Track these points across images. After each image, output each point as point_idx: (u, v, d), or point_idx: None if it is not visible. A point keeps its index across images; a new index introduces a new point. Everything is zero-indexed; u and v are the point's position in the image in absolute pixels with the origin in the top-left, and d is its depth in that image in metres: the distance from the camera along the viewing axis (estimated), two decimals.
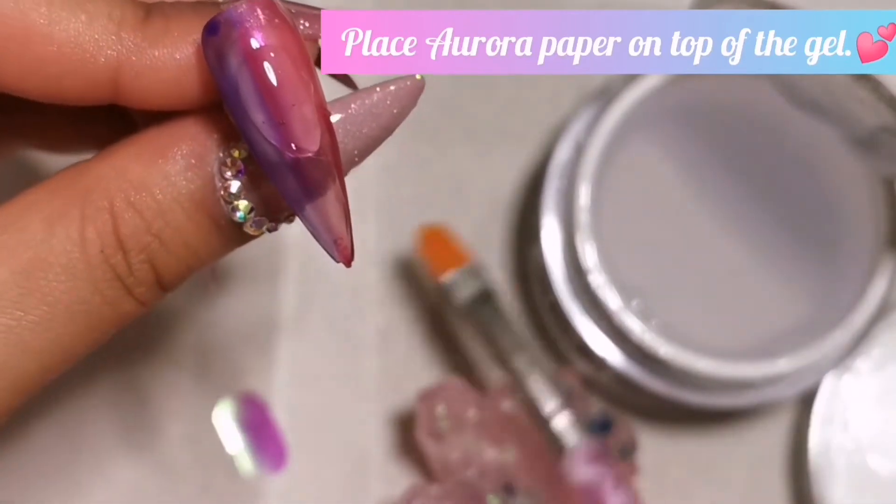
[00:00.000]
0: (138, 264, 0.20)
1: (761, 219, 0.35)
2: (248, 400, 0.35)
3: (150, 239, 0.20)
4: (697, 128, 0.36)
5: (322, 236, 0.20)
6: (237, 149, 0.19)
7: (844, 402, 0.35)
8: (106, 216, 0.19)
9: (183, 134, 0.20)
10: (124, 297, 0.20)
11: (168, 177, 0.19)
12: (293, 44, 0.19)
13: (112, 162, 0.20)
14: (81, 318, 0.20)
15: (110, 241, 0.19)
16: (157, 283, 0.20)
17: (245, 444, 0.35)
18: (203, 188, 0.20)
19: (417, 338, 0.37)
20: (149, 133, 0.20)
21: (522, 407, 0.33)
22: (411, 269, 0.37)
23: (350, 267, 0.20)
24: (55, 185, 0.20)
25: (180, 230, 0.20)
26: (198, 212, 0.20)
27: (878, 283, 0.33)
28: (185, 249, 0.20)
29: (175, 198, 0.20)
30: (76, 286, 0.19)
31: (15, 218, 0.20)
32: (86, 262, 0.19)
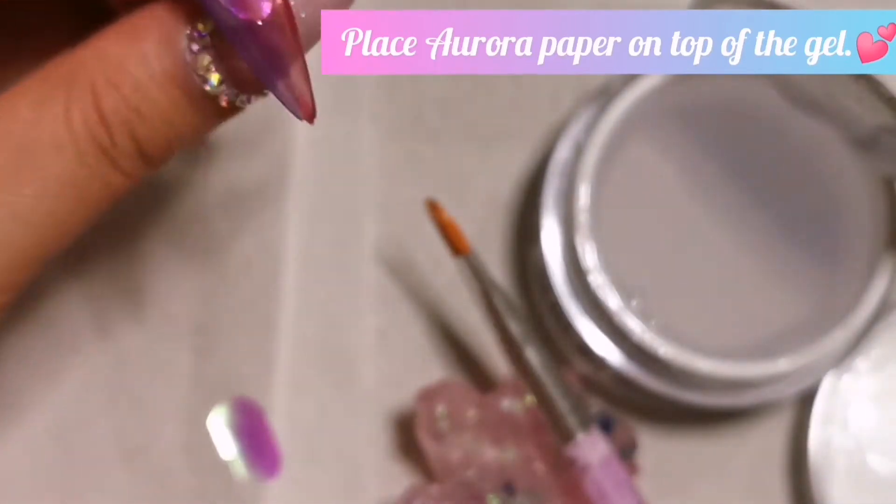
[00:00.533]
0: (120, 137, 0.21)
1: (761, 218, 0.35)
2: (242, 405, 0.35)
3: (130, 113, 0.21)
4: (697, 128, 0.36)
5: (286, 99, 0.21)
6: (202, 22, 0.21)
7: (844, 401, 0.35)
8: (88, 95, 0.21)
9: (154, 15, 0.21)
10: (110, 170, 0.21)
11: (142, 55, 0.21)
12: None
13: (92, 46, 0.21)
14: (72, 190, 0.21)
15: (93, 117, 0.21)
16: (140, 155, 0.22)
17: (239, 451, 0.35)
18: (175, 63, 0.21)
19: (417, 338, 0.37)
20: (125, 18, 0.21)
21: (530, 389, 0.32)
22: (411, 269, 0.37)
23: (313, 123, 0.21)
24: (42, 73, 0.21)
25: (156, 104, 0.21)
26: (171, 85, 0.21)
27: (877, 282, 0.33)
28: (163, 122, 0.21)
29: (150, 74, 0.21)
30: (64, 160, 0.21)
31: (6, 104, 0.21)
32: (72, 138, 0.21)
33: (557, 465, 0.33)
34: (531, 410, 0.33)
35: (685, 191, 0.36)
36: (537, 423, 0.33)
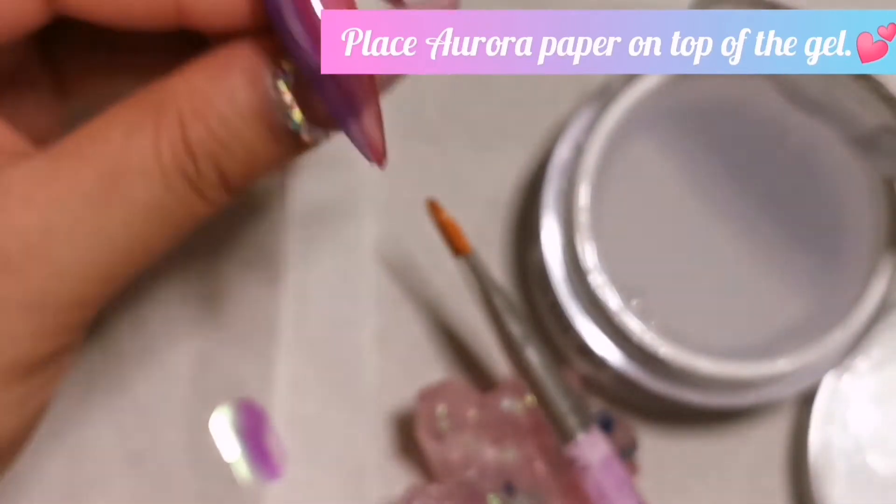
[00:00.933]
0: (206, 167, 0.22)
1: (761, 219, 0.35)
2: (245, 407, 0.35)
3: (215, 144, 0.22)
4: (697, 128, 0.36)
5: (358, 143, 0.22)
6: (287, 62, 0.22)
7: (844, 401, 0.35)
8: (176, 125, 0.22)
9: (241, 52, 0.22)
10: (195, 197, 0.23)
11: (229, 89, 0.22)
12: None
13: (182, 78, 0.22)
14: (157, 215, 0.22)
15: (180, 148, 0.22)
16: (223, 185, 0.23)
17: (241, 452, 0.35)
18: (259, 99, 0.22)
19: (417, 338, 0.37)
20: (214, 53, 0.22)
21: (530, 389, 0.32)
22: (411, 269, 0.37)
23: (383, 167, 0.22)
24: (133, 100, 0.23)
25: (241, 137, 0.22)
26: (255, 120, 0.22)
27: (877, 282, 0.33)
28: (247, 155, 0.22)
29: (235, 109, 0.22)
30: (152, 187, 0.22)
31: (99, 129, 0.22)
32: (159, 166, 0.22)
33: (557, 465, 0.33)
34: (531, 410, 0.33)
35: (685, 191, 0.36)
36: (537, 423, 0.33)
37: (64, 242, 0.22)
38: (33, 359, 0.23)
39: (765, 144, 0.36)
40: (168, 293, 0.36)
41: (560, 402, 0.32)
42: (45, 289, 0.22)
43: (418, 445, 0.34)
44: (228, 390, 0.36)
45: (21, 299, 0.22)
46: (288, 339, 0.36)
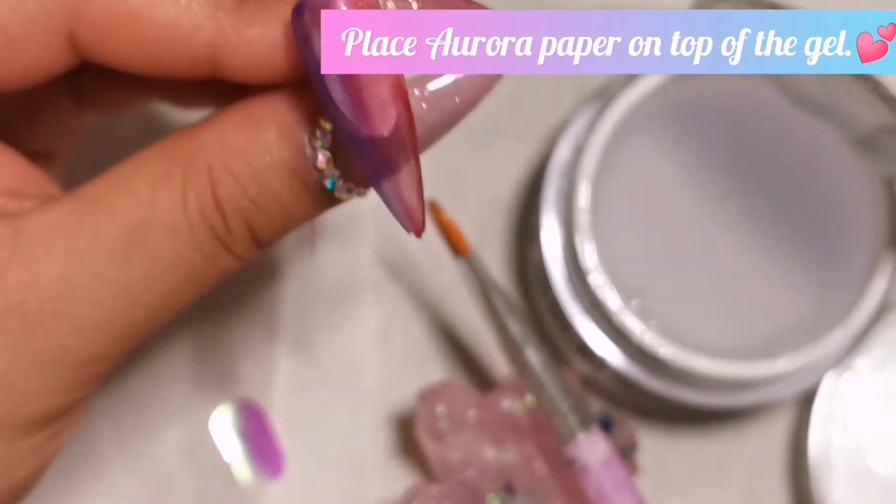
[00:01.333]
0: (235, 225, 0.21)
1: (761, 219, 0.35)
2: (245, 407, 0.35)
3: (246, 202, 0.21)
4: (697, 128, 0.36)
5: (395, 208, 0.21)
6: (325, 121, 0.21)
7: (844, 401, 0.35)
8: (205, 180, 0.21)
9: (278, 106, 0.21)
10: (223, 254, 0.22)
11: (263, 145, 0.21)
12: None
13: (212, 129, 0.21)
14: (183, 272, 0.21)
15: (209, 204, 0.21)
16: (252, 241, 0.22)
17: (242, 452, 0.35)
18: (295, 156, 0.21)
19: (417, 338, 0.37)
20: (247, 104, 0.21)
21: (530, 389, 0.32)
22: (411, 269, 0.37)
23: (420, 237, 0.22)
24: (161, 148, 0.21)
25: (274, 194, 0.21)
26: (290, 177, 0.21)
27: (877, 282, 0.33)
28: (279, 211, 0.21)
29: (269, 164, 0.21)
30: (178, 244, 0.21)
31: (124, 178, 0.21)
32: (187, 223, 0.21)
33: (557, 465, 0.33)
34: (531, 410, 0.33)
35: (685, 191, 0.36)
36: (537, 423, 0.33)
37: (84, 298, 0.21)
38: (48, 413, 0.22)
39: (765, 144, 0.36)
40: None
41: (560, 402, 0.32)
42: (63, 346, 0.21)
43: (418, 445, 0.34)
44: (228, 390, 0.36)
45: (38, 355, 0.21)
46: (288, 339, 0.36)
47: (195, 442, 0.35)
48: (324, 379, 0.36)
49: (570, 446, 0.32)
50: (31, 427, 0.22)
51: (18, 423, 0.22)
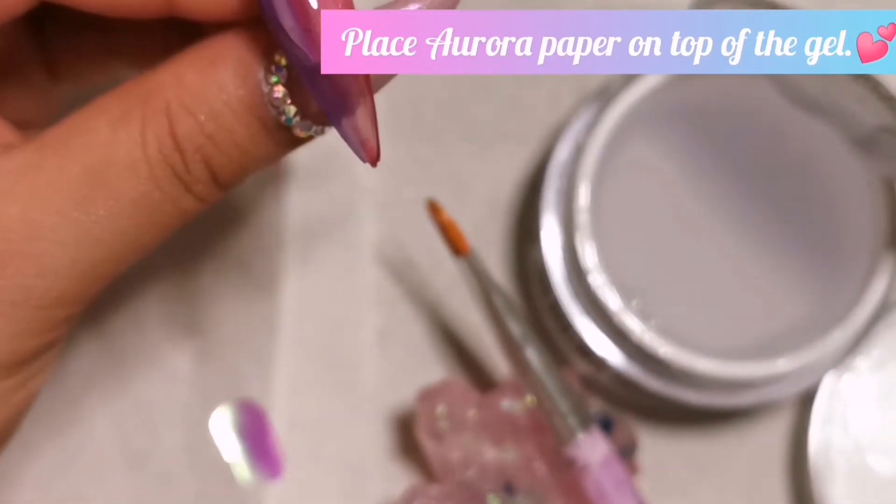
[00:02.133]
0: (194, 163, 0.21)
1: (761, 218, 0.35)
2: (245, 407, 0.35)
3: (204, 140, 0.21)
4: (697, 128, 0.36)
5: (351, 140, 0.21)
6: (280, 56, 0.21)
7: (844, 401, 0.35)
8: (163, 118, 0.21)
9: (232, 44, 0.21)
10: (183, 194, 0.22)
11: (219, 83, 0.21)
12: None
13: (170, 70, 0.21)
14: (145, 211, 0.21)
15: (167, 142, 0.21)
16: (213, 181, 0.22)
17: (242, 453, 0.35)
18: (251, 93, 0.21)
19: (417, 338, 0.37)
20: (203, 44, 0.22)
21: (530, 389, 0.32)
22: (411, 269, 0.37)
23: (375, 167, 0.21)
24: (120, 91, 0.22)
25: (231, 132, 0.21)
26: (247, 114, 0.21)
27: (877, 282, 0.33)
28: (237, 150, 0.22)
29: (225, 102, 0.21)
30: (138, 182, 0.21)
31: (85, 120, 0.21)
32: (146, 161, 0.21)
33: (557, 465, 0.33)
34: (531, 410, 0.33)
35: (685, 191, 0.36)
36: (537, 423, 0.33)
37: (47, 239, 0.21)
38: (16, 356, 0.22)
39: (765, 144, 0.36)
40: (168, 293, 0.36)
41: (560, 402, 0.32)
42: (26, 287, 0.21)
43: (418, 445, 0.34)
44: (228, 390, 0.36)
45: (2, 297, 0.21)
46: (288, 339, 0.36)
47: (195, 442, 0.35)
48: (324, 379, 0.36)
49: (570, 446, 0.32)
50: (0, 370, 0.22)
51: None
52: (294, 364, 0.36)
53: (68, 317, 0.23)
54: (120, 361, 0.36)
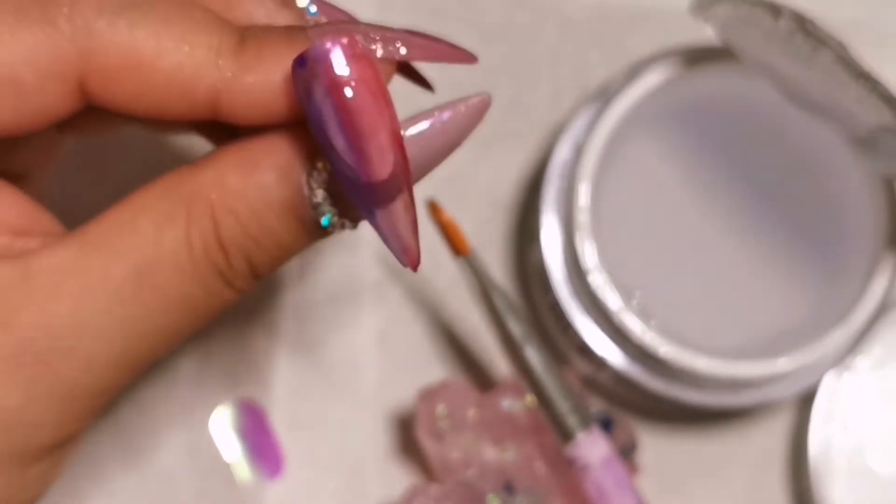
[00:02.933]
0: (237, 261, 0.22)
1: (761, 218, 0.35)
2: (245, 407, 0.35)
3: (247, 240, 0.22)
4: (697, 128, 0.36)
5: (391, 244, 0.22)
6: (321, 161, 0.22)
7: (844, 401, 0.35)
8: (208, 221, 0.22)
9: (276, 147, 0.22)
10: (224, 288, 0.23)
11: (262, 186, 0.22)
12: (372, 77, 0.21)
13: (213, 170, 0.22)
14: (187, 307, 0.22)
15: (212, 243, 0.22)
16: (252, 275, 0.23)
17: (242, 452, 0.35)
18: (293, 196, 0.22)
19: (417, 338, 0.37)
20: (245, 144, 0.22)
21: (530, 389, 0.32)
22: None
23: (416, 272, 0.23)
24: (163, 189, 0.22)
25: (273, 232, 0.22)
26: (288, 216, 0.22)
27: (877, 281, 0.33)
28: (277, 247, 0.23)
29: (268, 205, 0.22)
30: (183, 281, 0.22)
31: (130, 219, 0.22)
32: (192, 261, 0.22)
33: (557, 465, 0.33)
34: (531, 410, 0.33)
35: (685, 191, 0.36)
36: (537, 423, 0.33)
37: (93, 336, 0.22)
38: (56, 442, 0.23)
39: (765, 144, 0.36)
40: None
41: (560, 402, 0.32)
42: (74, 380, 0.22)
43: (418, 445, 0.34)
44: (228, 390, 0.36)
45: (51, 389, 0.22)
46: (288, 339, 0.36)
47: (195, 442, 0.35)
48: (324, 379, 0.36)
49: (571, 446, 0.32)
50: (40, 455, 0.23)
51: (29, 452, 0.22)
52: (294, 364, 0.36)
53: (106, 405, 0.23)
54: None
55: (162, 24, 0.22)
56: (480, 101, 0.23)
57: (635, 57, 0.35)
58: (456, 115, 0.22)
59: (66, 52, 0.22)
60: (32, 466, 0.23)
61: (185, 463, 0.35)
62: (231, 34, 0.22)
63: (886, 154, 0.31)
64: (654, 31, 0.38)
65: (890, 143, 0.30)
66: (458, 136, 0.23)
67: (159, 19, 0.22)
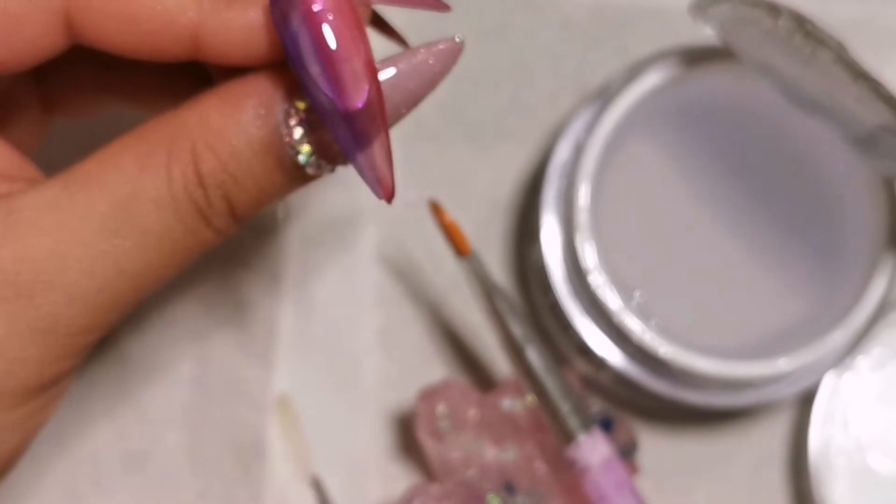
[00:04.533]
0: (216, 198, 0.23)
1: (761, 218, 0.35)
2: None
3: (226, 177, 0.22)
4: (697, 127, 0.36)
5: (367, 177, 0.22)
6: (300, 100, 0.22)
7: (845, 401, 0.35)
8: (188, 157, 0.22)
9: (254, 87, 0.23)
10: (204, 227, 0.23)
11: (241, 124, 0.22)
12: (347, 7, 0.21)
13: (194, 111, 0.23)
14: (168, 244, 0.23)
15: (192, 179, 0.22)
16: (231, 215, 0.23)
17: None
18: (270, 134, 0.22)
19: (417, 338, 0.37)
20: (226, 86, 0.23)
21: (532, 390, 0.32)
22: (411, 269, 0.37)
23: (391, 203, 0.23)
24: (146, 129, 0.23)
25: (251, 170, 0.23)
26: (266, 154, 0.22)
27: (877, 282, 0.33)
28: (255, 186, 0.23)
29: (247, 142, 0.22)
30: (163, 216, 0.22)
31: (112, 157, 0.23)
32: (171, 196, 0.22)
33: (557, 465, 0.33)
34: (531, 410, 0.33)
35: (685, 191, 0.36)
36: (537, 423, 0.33)
37: (76, 270, 0.22)
38: (38, 382, 0.23)
39: (765, 144, 0.36)
40: (168, 294, 0.36)
41: (561, 403, 0.32)
42: (56, 315, 0.22)
43: (418, 445, 0.34)
44: (228, 390, 0.36)
45: (32, 324, 0.22)
46: (288, 339, 0.36)
47: (195, 442, 0.35)
48: (324, 379, 0.36)
49: (571, 448, 0.32)
50: (20, 397, 0.23)
51: (9, 390, 0.23)
52: (294, 364, 0.36)
53: (89, 345, 0.24)
54: (121, 362, 0.36)
55: None
56: (451, 45, 0.23)
57: (635, 57, 0.35)
58: (427, 57, 0.23)
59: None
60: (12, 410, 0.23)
61: (184, 464, 0.35)
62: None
63: (886, 154, 0.31)
64: (654, 31, 0.38)
65: (890, 143, 0.30)
66: (431, 78, 0.23)
67: None
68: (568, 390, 0.32)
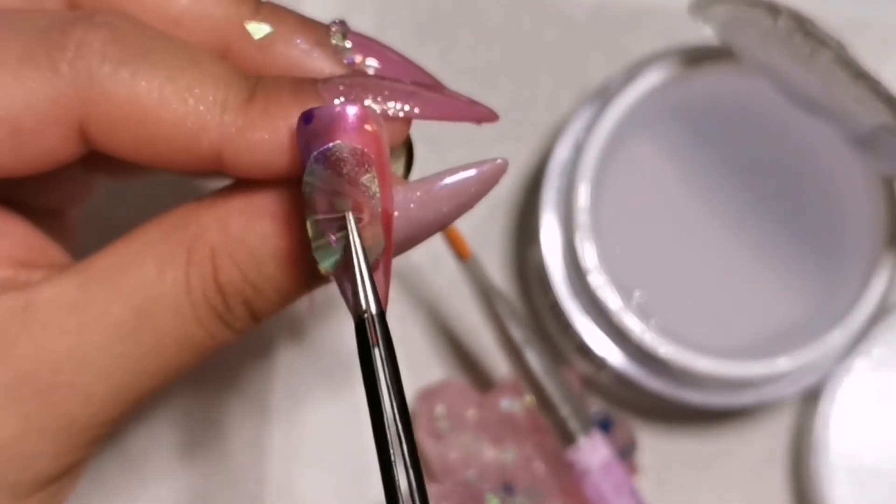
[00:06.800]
0: (235, 305, 0.23)
1: (761, 218, 0.35)
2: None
3: (246, 286, 0.22)
4: (697, 127, 0.36)
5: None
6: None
7: (844, 400, 0.35)
8: (208, 265, 0.22)
9: (279, 196, 0.22)
10: (223, 330, 0.23)
11: (263, 235, 0.22)
12: (373, 152, 0.21)
13: (215, 214, 0.22)
14: (186, 347, 0.23)
15: (211, 287, 0.22)
16: (251, 318, 0.23)
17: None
18: (293, 246, 0.22)
19: (417, 337, 0.37)
20: (251, 189, 0.22)
21: (531, 393, 0.32)
22: (411, 269, 0.37)
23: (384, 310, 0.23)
24: (166, 227, 0.23)
25: (272, 280, 0.22)
26: (290, 265, 0.22)
27: (877, 282, 0.33)
28: (276, 293, 0.23)
29: (269, 253, 0.22)
30: (181, 322, 0.22)
31: (131, 257, 0.22)
32: (190, 304, 0.22)
33: (557, 465, 0.33)
34: (530, 410, 0.33)
35: (685, 191, 0.36)
36: (537, 423, 0.33)
37: (93, 371, 0.22)
38: (53, 473, 0.23)
39: (764, 144, 0.36)
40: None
41: (561, 405, 0.32)
42: (72, 414, 0.22)
43: (418, 445, 0.34)
44: (228, 390, 0.36)
45: (48, 423, 0.22)
46: (288, 339, 0.36)
47: (195, 442, 0.35)
48: (324, 379, 0.36)
49: (571, 450, 0.32)
50: (36, 487, 0.23)
51: (25, 483, 0.22)
52: (294, 364, 0.36)
53: (105, 436, 0.24)
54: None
55: (168, 76, 0.21)
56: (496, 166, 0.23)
57: (635, 57, 0.35)
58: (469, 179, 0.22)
59: (66, 98, 0.21)
60: (28, 499, 0.23)
61: (184, 464, 0.35)
62: (240, 88, 0.22)
63: (886, 154, 0.31)
64: (653, 31, 0.38)
65: (889, 142, 0.30)
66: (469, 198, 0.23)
67: (166, 70, 0.21)
68: (567, 393, 0.32)
